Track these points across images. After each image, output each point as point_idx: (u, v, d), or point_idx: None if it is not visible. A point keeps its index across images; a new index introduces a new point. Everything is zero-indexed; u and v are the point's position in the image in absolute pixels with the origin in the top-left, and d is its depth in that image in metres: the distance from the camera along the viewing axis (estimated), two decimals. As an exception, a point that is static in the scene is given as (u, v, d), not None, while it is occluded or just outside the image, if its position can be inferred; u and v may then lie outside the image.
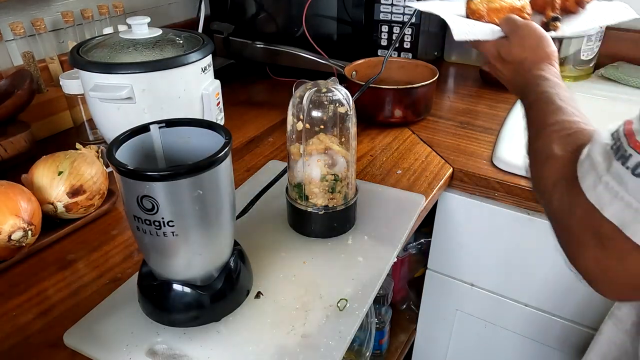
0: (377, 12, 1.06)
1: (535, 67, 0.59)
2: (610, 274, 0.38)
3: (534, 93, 0.55)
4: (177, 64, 0.70)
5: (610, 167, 0.36)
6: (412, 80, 0.97)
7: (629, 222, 0.34)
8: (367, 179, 0.79)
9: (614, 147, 0.36)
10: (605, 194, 0.36)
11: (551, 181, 0.44)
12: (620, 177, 0.35)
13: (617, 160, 0.36)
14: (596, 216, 0.36)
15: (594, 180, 0.37)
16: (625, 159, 0.35)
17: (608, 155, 0.37)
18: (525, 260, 0.85)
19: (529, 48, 0.61)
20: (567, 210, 0.40)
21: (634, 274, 0.37)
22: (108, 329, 0.52)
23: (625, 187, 0.35)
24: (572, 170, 0.41)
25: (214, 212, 0.48)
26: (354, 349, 0.99)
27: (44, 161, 0.67)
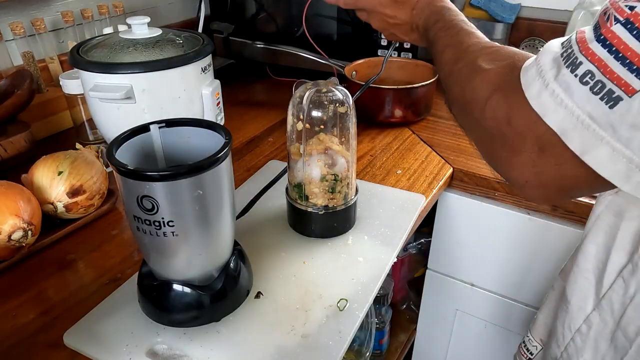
0: (377, 12, 1.06)
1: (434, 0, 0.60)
2: (543, 178, 0.38)
3: (441, 21, 0.56)
4: (177, 64, 0.70)
5: (559, 75, 0.35)
6: (412, 80, 0.97)
7: (569, 130, 0.34)
8: (367, 179, 0.79)
9: (564, 55, 0.35)
10: (549, 102, 0.35)
11: (482, 94, 0.42)
12: (568, 85, 0.34)
13: (566, 67, 0.35)
14: (537, 124, 0.36)
15: (539, 88, 0.36)
16: (575, 66, 0.34)
17: (557, 63, 0.36)
18: (525, 260, 0.85)
19: None
20: (503, 120, 0.40)
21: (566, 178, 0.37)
22: (108, 329, 0.52)
23: (570, 96, 0.34)
24: (508, 81, 0.40)
25: (214, 212, 0.48)
26: (354, 349, 0.99)
27: (44, 161, 0.67)
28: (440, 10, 0.58)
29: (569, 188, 0.39)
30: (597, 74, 0.33)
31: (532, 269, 0.85)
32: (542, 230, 0.80)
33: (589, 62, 0.33)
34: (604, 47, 0.33)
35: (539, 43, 1.22)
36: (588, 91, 0.33)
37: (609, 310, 0.51)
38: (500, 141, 0.40)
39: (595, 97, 0.33)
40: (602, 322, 0.52)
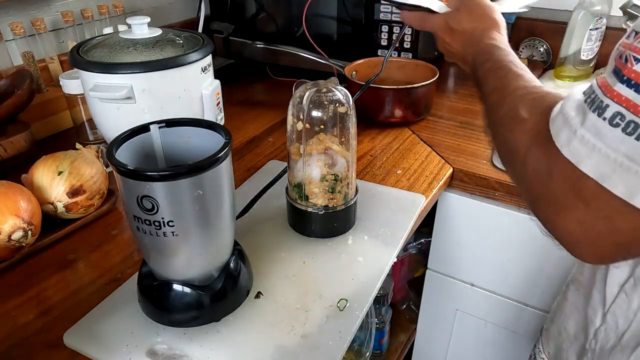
0: (377, 12, 1.06)
1: (485, 36, 0.59)
2: (593, 235, 0.36)
3: (490, 61, 0.54)
4: (177, 64, 0.70)
5: (585, 120, 0.34)
6: (412, 80, 0.97)
7: (609, 174, 0.33)
8: (367, 179, 0.79)
9: (588, 100, 0.35)
10: (581, 148, 0.34)
11: (523, 145, 0.41)
12: (597, 129, 0.33)
13: (592, 112, 0.34)
14: (575, 174, 0.35)
15: (568, 136, 0.35)
16: (601, 110, 0.34)
17: (582, 109, 0.35)
18: (525, 260, 0.85)
19: (478, 16, 0.61)
20: (544, 174, 0.38)
21: (619, 231, 0.35)
22: (108, 329, 0.52)
23: (602, 139, 0.33)
24: (544, 131, 0.39)
25: (214, 212, 0.48)
26: (354, 349, 0.99)
27: (44, 161, 0.67)
28: (489, 49, 0.56)
29: (628, 243, 0.35)
30: (627, 115, 0.32)
31: (532, 269, 0.85)
32: (542, 230, 0.80)
33: (616, 104, 0.33)
34: (630, 87, 0.32)
35: (538, 43, 1.22)
36: (621, 132, 0.32)
37: (614, 325, 0.50)
38: (546, 197, 0.39)
39: (630, 138, 0.32)
40: (606, 338, 0.51)
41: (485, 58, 0.55)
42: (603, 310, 0.51)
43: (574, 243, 0.38)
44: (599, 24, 1.07)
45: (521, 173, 0.42)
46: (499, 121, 0.47)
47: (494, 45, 0.56)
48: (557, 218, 0.38)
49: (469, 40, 0.61)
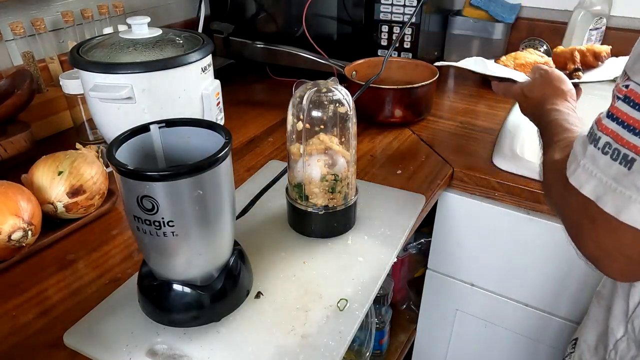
0: (377, 12, 1.06)
1: (549, 102, 0.66)
2: (607, 251, 0.41)
3: (547, 121, 0.62)
4: (177, 64, 0.70)
5: (586, 151, 0.42)
6: (412, 80, 0.97)
7: (602, 195, 0.39)
8: (367, 179, 0.79)
9: (589, 134, 0.42)
10: (582, 174, 0.41)
11: (552, 182, 0.49)
12: (593, 157, 0.41)
13: (590, 143, 0.41)
14: (581, 198, 0.41)
15: (575, 166, 0.43)
16: (596, 141, 0.41)
17: (584, 143, 0.42)
18: (525, 260, 0.85)
19: (549, 85, 0.70)
20: (564, 202, 0.45)
21: (625, 246, 0.40)
22: (108, 329, 0.52)
23: (597, 165, 0.40)
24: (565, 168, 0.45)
25: (214, 212, 0.48)
26: (354, 349, 0.99)
27: (44, 161, 0.67)
28: (550, 113, 0.64)
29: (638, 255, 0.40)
30: (613, 144, 0.39)
31: (532, 269, 0.85)
32: (542, 230, 0.80)
33: (605, 136, 0.40)
34: (613, 120, 0.39)
35: (538, 43, 1.22)
36: (609, 159, 0.39)
37: (633, 334, 0.50)
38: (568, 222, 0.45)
39: (615, 163, 0.38)
40: (627, 348, 0.51)
41: (545, 120, 0.64)
42: (625, 321, 0.52)
43: (595, 260, 0.43)
44: (599, 24, 1.07)
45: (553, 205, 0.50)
46: (544, 167, 0.55)
47: (554, 110, 0.64)
48: (578, 240, 0.44)
49: (536, 105, 0.69)
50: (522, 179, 0.78)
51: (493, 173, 0.80)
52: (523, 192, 0.77)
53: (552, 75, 0.71)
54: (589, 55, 0.86)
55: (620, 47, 1.14)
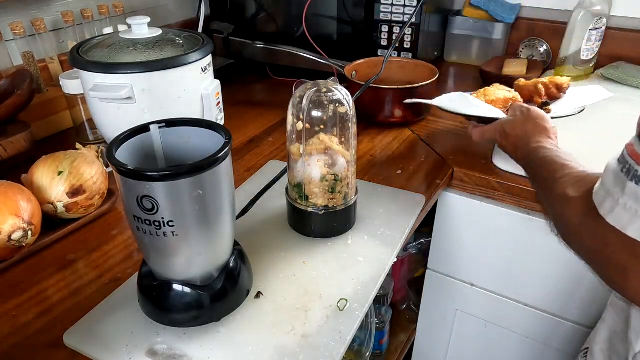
0: (377, 12, 1.06)
1: (534, 140, 0.65)
2: None
3: (538, 159, 0.61)
4: (177, 64, 0.70)
5: (625, 189, 0.39)
6: (412, 80, 0.97)
7: None
8: (367, 179, 0.79)
9: (624, 170, 0.39)
10: (624, 214, 0.39)
11: (575, 221, 0.46)
12: (636, 195, 0.38)
13: (630, 181, 0.38)
14: (624, 238, 0.39)
15: (611, 205, 0.40)
16: (638, 178, 0.38)
17: (620, 179, 0.39)
18: (525, 260, 0.85)
19: (531, 123, 0.69)
20: (601, 243, 0.42)
21: None
22: (108, 329, 0.52)
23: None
24: (592, 205, 0.43)
25: (214, 212, 0.48)
26: (354, 349, 0.99)
27: (44, 161, 0.67)
28: (537, 150, 0.63)
29: None
30: None
31: (531, 269, 0.85)
32: (542, 231, 0.80)
33: None
34: None
35: (538, 43, 1.22)
36: None
37: None
38: (608, 264, 0.43)
39: None
40: None
41: (534, 157, 0.62)
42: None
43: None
44: (599, 24, 1.07)
45: (580, 244, 0.47)
46: (552, 205, 0.53)
47: (540, 147, 0.63)
48: (621, 279, 0.42)
49: (519, 143, 0.68)
50: (522, 179, 0.78)
51: (493, 173, 0.80)
52: (523, 192, 0.77)
53: (533, 113, 0.70)
54: (552, 88, 0.87)
55: (620, 47, 1.15)
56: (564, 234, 0.51)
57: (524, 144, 0.66)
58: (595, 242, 0.43)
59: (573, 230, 0.47)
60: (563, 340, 0.88)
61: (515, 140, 0.68)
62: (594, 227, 0.43)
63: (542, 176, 0.58)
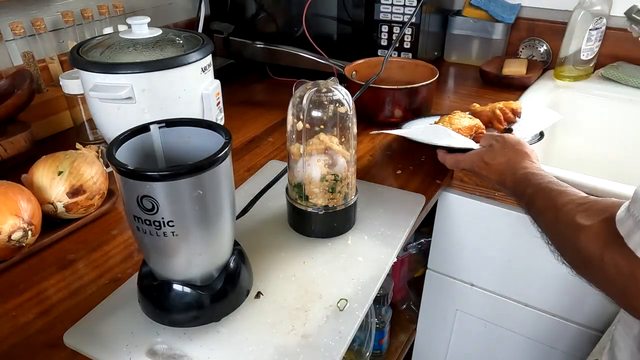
0: (377, 12, 1.06)
1: (520, 167, 0.64)
2: None
3: (531, 187, 0.59)
4: (177, 64, 0.70)
5: None
6: (412, 80, 0.97)
7: None
8: (367, 179, 0.79)
9: None
10: None
11: (595, 250, 0.45)
12: None
13: None
14: None
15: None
16: None
17: None
18: (525, 260, 0.85)
19: (511, 149, 0.67)
20: (627, 274, 0.41)
21: None
22: (108, 329, 0.52)
23: None
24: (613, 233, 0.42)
25: (214, 212, 0.48)
26: (354, 349, 0.99)
27: (44, 161, 0.67)
28: (526, 177, 0.61)
29: None
30: None
31: (532, 269, 0.85)
32: (542, 230, 0.80)
33: None
34: None
35: (538, 43, 1.22)
36: None
37: None
38: (631, 294, 0.42)
39: None
40: None
41: (525, 185, 0.61)
42: None
43: None
44: (599, 24, 1.07)
45: (601, 275, 0.45)
46: (559, 237, 0.51)
47: (529, 173, 0.62)
48: None
49: (504, 171, 0.66)
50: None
51: (493, 173, 0.80)
52: (523, 192, 0.77)
53: (510, 140, 0.69)
54: (508, 112, 0.88)
55: (620, 47, 1.15)
56: (577, 264, 0.49)
57: (510, 171, 0.65)
58: (621, 272, 0.42)
59: (590, 261, 0.45)
60: (563, 339, 0.88)
61: (498, 168, 0.67)
62: (620, 258, 0.41)
63: (541, 205, 0.56)
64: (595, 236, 0.45)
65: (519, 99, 1.05)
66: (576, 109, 1.09)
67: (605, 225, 0.44)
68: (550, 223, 0.54)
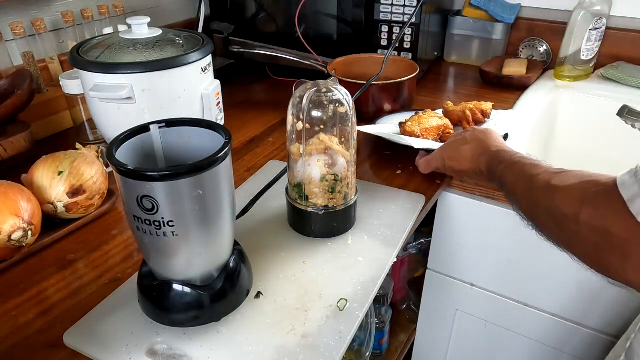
0: (377, 12, 1.06)
1: (490, 146, 0.65)
2: None
3: (503, 163, 0.61)
4: (177, 64, 0.70)
5: None
6: (393, 76, 0.97)
7: None
8: (367, 179, 0.79)
9: None
10: None
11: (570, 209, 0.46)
12: None
13: None
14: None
15: None
16: None
17: None
18: (525, 260, 0.85)
19: (480, 133, 0.69)
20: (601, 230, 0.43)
21: None
22: (108, 329, 0.52)
23: None
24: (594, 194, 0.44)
25: (214, 212, 0.48)
26: (354, 349, 0.99)
27: (44, 161, 0.67)
28: (497, 154, 0.63)
29: None
30: None
31: (532, 269, 0.85)
32: (542, 230, 0.80)
33: None
34: None
35: (538, 43, 1.22)
36: None
37: None
38: (607, 249, 0.44)
39: None
40: None
41: (498, 161, 0.62)
42: None
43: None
44: (599, 24, 1.07)
45: (576, 233, 0.47)
46: (535, 200, 0.53)
47: (499, 151, 0.63)
48: (623, 266, 0.43)
49: (474, 155, 0.67)
50: (522, 179, 0.77)
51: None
52: (523, 192, 0.77)
53: (477, 128, 0.71)
54: (478, 113, 0.90)
55: (620, 47, 1.15)
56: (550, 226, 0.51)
57: (481, 153, 0.66)
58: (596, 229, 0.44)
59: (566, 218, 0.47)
60: (563, 339, 0.88)
61: (468, 154, 0.67)
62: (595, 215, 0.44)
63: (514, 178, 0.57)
64: (570, 195, 0.47)
65: (518, 99, 1.05)
66: (576, 109, 1.09)
67: (586, 186, 0.46)
68: (524, 192, 0.55)
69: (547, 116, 1.07)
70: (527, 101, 1.03)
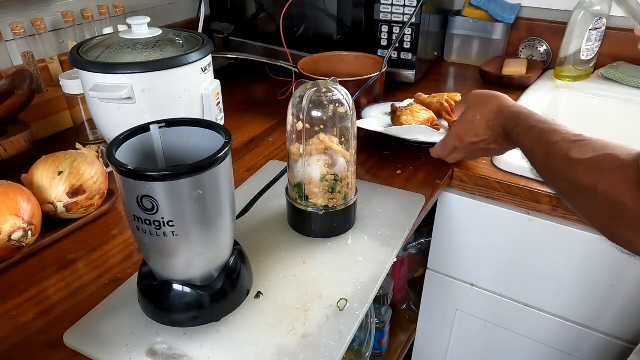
0: (377, 12, 1.06)
1: (504, 107, 0.64)
2: None
3: (520, 126, 0.60)
4: (177, 64, 0.70)
5: None
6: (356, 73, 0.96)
7: None
8: (367, 179, 0.79)
9: None
10: None
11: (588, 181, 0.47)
12: None
13: None
14: None
15: None
16: None
17: None
18: (525, 260, 0.85)
19: (484, 97, 0.68)
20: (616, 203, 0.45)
21: None
22: (108, 329, 0.52)
23: None
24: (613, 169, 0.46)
25: (214, 212, 0.48)
26: (354, 349, 0.99)
27: (44, 161, 0.67)
28: (512, 116, 0.62)
29: None
30: None
31: (531, 269, 0.85)
32: (542, 230, 0.80)
33: None
34: None
35: (538, 43, 1.22)
36: None
37: None
38: (621, 222, 0.45)
39: None
40: None
41: (514, 124, 0.61)
42: None
43: None
44: (599, 24, 1.07)
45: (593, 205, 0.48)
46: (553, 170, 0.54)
47: (514, 112, 0.62)
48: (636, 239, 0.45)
49: (490, 119, 0.65)
50: (522, 178, 0.78)
51: (493, 173, 0.80)
52: (523, 192, 0.77)
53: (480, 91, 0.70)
54: (454, 104, 0.89)
55: (620, 47, 1.15)
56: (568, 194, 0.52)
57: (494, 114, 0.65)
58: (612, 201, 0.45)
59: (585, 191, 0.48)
60: (563, 339, 0.88)
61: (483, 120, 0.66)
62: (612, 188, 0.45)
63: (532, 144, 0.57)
64: (588, 169, 0.48)
65: (518, 99, 1.05)
66: (576, 109, 1.08)
67: (605, 160, 0.47)
68: (542, 160, 0.56)
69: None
70: (527, 101, 1.03)
